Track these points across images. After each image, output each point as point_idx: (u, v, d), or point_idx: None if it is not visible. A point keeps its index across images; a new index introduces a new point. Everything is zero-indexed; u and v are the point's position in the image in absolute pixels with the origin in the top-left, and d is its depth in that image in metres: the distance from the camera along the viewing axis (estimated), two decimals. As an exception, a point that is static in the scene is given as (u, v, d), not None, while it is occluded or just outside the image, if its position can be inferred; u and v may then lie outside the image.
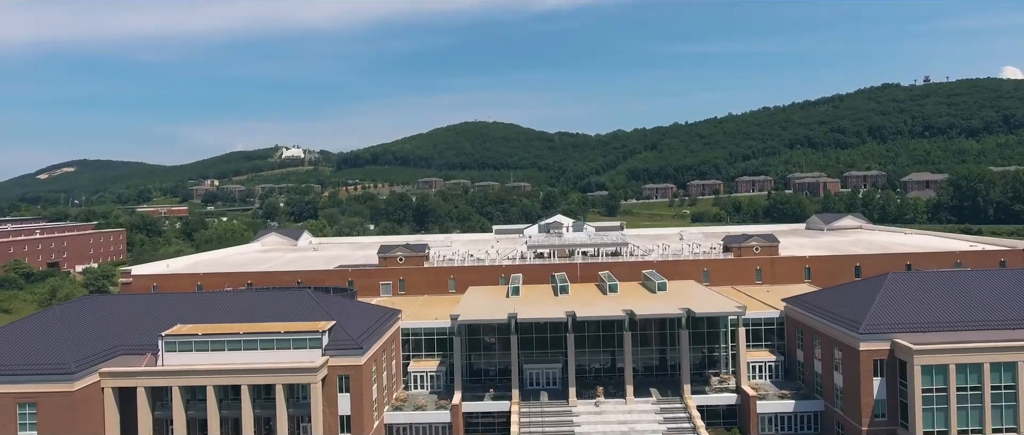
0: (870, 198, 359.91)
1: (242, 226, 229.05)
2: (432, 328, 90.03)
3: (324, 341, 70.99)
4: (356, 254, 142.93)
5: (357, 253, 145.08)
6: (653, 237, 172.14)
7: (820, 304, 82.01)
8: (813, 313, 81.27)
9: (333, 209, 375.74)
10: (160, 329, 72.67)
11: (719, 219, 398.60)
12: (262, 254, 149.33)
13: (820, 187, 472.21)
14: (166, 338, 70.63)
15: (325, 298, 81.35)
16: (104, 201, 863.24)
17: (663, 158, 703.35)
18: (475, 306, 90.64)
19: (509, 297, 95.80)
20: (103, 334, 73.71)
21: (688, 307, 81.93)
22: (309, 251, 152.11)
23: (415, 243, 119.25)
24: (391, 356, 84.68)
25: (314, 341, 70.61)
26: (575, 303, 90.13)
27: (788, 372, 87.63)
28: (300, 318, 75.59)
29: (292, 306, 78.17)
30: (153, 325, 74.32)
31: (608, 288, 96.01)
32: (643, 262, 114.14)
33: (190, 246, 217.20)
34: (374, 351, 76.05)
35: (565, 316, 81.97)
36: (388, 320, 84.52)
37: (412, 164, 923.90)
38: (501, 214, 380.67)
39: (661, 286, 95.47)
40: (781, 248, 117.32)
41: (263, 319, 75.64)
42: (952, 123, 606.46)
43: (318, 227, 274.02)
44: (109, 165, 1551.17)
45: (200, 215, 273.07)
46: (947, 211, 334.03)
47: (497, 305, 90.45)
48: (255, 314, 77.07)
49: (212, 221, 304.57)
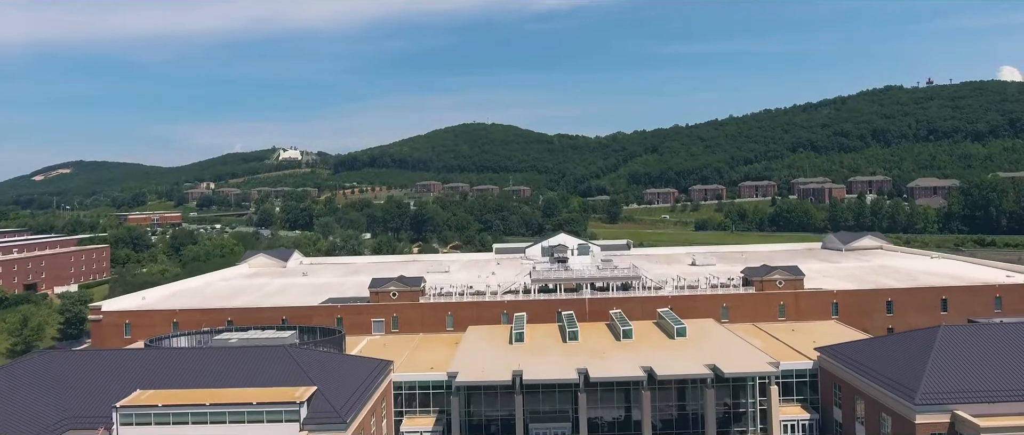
0: (879, 207, 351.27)
1: (232, 241, 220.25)
2: (427, 381, 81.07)
3: (303, 413, 62.06)
4: (347, 281, 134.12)
5: (348, 280, 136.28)
6: (663, 258, 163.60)
7: (862, 359, 73.16)
8: (855, 369, 72.44)
9: (329, 218, 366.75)
10: (118, 395, 63.73)
11: (724, 227, 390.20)
12: (247, 280, 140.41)
13: (825, 193, 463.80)
14: (121, 410, 61.61)
15: (306, 356, 72.39)
16: (99, 204, 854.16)
17: (664, 161, 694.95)
18: (474, 359, 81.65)
19: (512, 343, 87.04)
20: (52, 403, 64.78)
21: (715, 364, 73.16)
22: (297, 276, 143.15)
23: (409, 276, 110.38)
24: (381, 417, 75.80)
25: (291, 413, 61.67)
26: (586, 352, 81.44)
27: (824, 432, 78.90)
28: (278, 381, 66.70)
29: (269, 366, 69.24)
30: (110, 390, 65.36)
31: (622, 333, 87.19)
32: (657, 297, 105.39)
33: (176, 263, 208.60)
34: (361, 419, 67.14)
35: (576, 375, 73.17)
36: (378, 376, 75.61)
37: (410, 167, 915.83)
38: (500, 222, 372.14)
39: (680, 331, 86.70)
40: (805, 280, 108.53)
41: (236, 382, 66.79)
42: (957, 127, 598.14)
43: (312, 240, 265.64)
44: (105, 166, 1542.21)
45: (189, 230, 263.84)
46: (958, 221, 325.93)
47: (499, 356, 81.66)
48: (227, 376, 68.16)
49: (202, 233, 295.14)
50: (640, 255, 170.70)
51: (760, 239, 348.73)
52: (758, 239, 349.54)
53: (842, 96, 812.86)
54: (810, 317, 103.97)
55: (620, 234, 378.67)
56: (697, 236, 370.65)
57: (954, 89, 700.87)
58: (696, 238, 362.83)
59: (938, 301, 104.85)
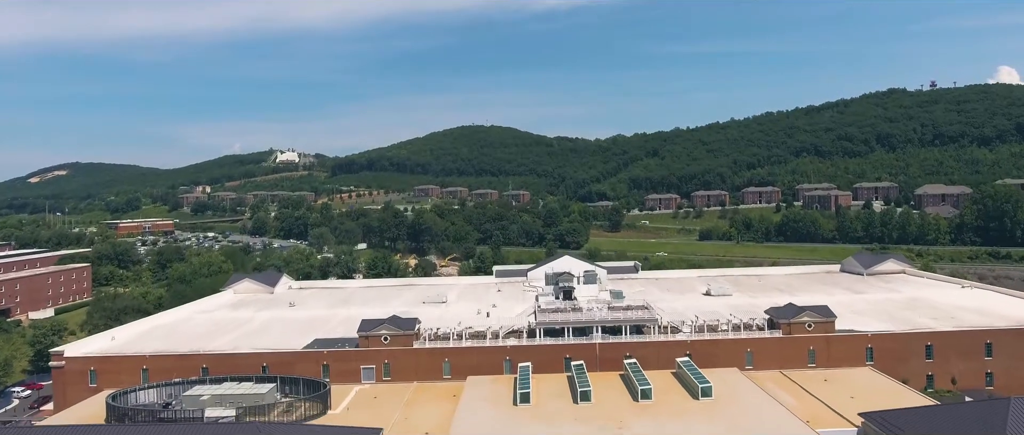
0: (889, 217, 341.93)
1: (220, 257, 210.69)
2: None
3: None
4: (337, 315, 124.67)
5: (338, 313, 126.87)
6: (674, 283, 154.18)
7: (918, 432, 63.87)
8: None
9: (323, 229, 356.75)
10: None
11: (729, 237, 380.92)
12: (230, 312, 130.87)
13: (831, 200, 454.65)
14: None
15: (281, 433, 63.09)
16: (93, 208, 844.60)
17: (665, 166, 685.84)
18: (475, 428, 72.16)
19: (517, 405, 77.69)
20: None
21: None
22: (284, 308, 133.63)
23: (403, 317, 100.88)
24: (368, 499, 66.50)
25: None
26: (601, 418, 72.29)
27: (871, 512, 69.63)
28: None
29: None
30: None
31: (640, 393, 77.82)
32: (674, 342, 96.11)
33: (162, 282, 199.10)
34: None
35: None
36: (364, 453, 66.35)
37: (408, 170, 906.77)
38: (500, 233, 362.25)
39: (705, 391, 77.36)
40: (828, 307, 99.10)
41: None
42: (963, 131, 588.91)
43: (305, 255, 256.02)
44: (101, 168, 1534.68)
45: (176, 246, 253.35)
46: (971, 231, 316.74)
47: (503, 424, 72.27)
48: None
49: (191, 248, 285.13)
50: (649, 279, 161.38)
51: (768, 251, 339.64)
52: (766, 251, 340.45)
53: (845, 99, 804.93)
54: (842, 363, 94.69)
55: (623, 245, 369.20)
56: (703, 247, 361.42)
57: (958, 92, 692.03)
58: (702, 249, 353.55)
59: (982, 346, 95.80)
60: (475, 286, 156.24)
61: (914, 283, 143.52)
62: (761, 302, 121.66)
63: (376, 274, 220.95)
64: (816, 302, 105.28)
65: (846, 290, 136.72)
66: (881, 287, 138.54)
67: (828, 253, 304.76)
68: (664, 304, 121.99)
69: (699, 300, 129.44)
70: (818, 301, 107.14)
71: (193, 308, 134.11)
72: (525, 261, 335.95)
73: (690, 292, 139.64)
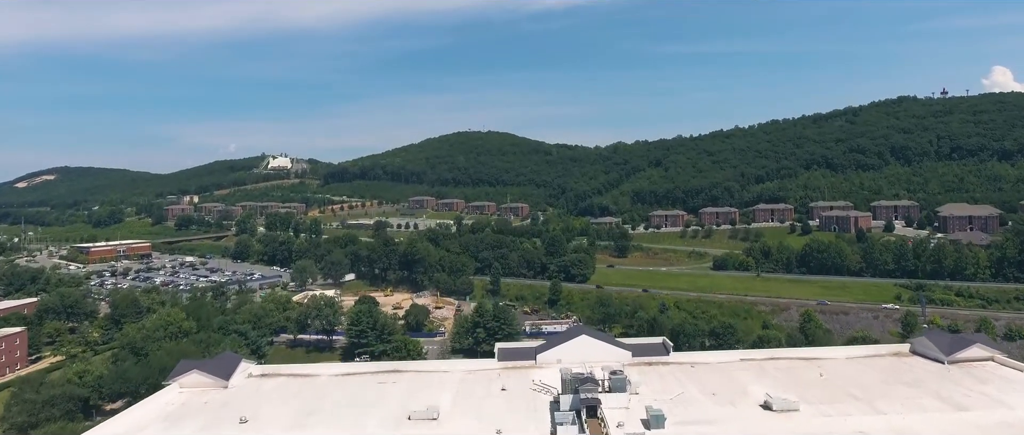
0: (922, 250, 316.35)
1: (180, 315, 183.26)
2: None
3: None
4: (306, 424, 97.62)
5: (308, 422, 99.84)
6: (717, 377, 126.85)
7: None
8: None
9: (307, 261, 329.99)
10: None
11: (746, 267, 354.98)
12: (166, 429, 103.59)
13: (850, 222, 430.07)
14: None
15: None
16: (75, 220, 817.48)
17: (669, 178, 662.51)
18: None
19: None
20: None
21: None
22: (233, 426, 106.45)
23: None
24: None
25: None
26: None
27: None
28: None
29: None
30: None
31: None
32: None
33: (111, 345, 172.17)
34: None
35: None
36: None
37: (403, 179, 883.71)
38: (499, 263, 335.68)
39: None
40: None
41: None
42: (982, 144, 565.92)
43: (282, 302, 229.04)
44: (90, 173, 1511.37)
45: (134, 297, 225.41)
46: (1015, 267, 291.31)
47: None
48: None
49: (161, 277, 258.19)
50: (684, 366, 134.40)
51: (793, 288, 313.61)
52: (791, 288, 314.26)
53: (853, 107, 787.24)
54: None
55: (633, 277, 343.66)
56: (720, 281, 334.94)
57: (973, 101, 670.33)
58: (720, 283, 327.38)
59: None
60: (475, 381, 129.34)
61: (1012, 379, 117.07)
62: (838, 425, 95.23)
63: (360, 331, 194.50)
64: (906, 422, 78.98)
65: (936, 397, 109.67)
66: (979, 391, 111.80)
67: (860, 292, 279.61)
68: (714, 429, 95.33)
69: (757, 417, 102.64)
70: (910, 422, 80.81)
71: (114, 427, 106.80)
72: (526, 296, 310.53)
73: (741, 398, 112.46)
